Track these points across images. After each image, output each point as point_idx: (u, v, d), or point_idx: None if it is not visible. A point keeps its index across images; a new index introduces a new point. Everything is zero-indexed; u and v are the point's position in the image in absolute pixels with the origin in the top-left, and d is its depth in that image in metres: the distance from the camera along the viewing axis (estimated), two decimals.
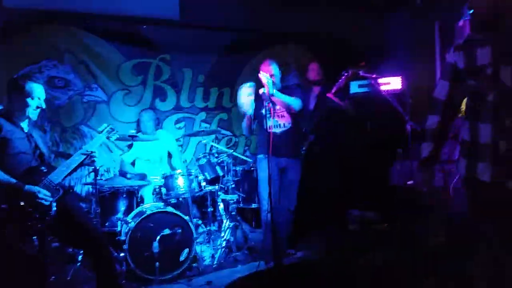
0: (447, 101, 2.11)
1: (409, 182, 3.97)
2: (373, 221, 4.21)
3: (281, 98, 3.47)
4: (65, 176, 2.71)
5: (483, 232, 2.02)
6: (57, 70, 4.21)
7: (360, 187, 4.23)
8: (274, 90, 3.40)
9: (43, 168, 2.66)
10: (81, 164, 2.84)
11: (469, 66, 2.01)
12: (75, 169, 2.81)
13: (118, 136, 3.13)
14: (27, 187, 2.51)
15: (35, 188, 2.52)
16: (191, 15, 4.65)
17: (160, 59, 4.67)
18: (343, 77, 4.05)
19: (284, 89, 3.61)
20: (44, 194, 2.54)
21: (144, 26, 4.54)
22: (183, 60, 4.77)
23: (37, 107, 2.72)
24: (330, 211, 4.11)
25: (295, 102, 3.54)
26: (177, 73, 4.77)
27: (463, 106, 4.08)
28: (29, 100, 2.67)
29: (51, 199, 2.56)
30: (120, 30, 4.48)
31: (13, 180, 2.49)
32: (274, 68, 3.63)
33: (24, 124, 2.73)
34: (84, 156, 2.79)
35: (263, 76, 3.36)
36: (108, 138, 3.06)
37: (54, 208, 2.57)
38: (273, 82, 3.42)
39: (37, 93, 2.71)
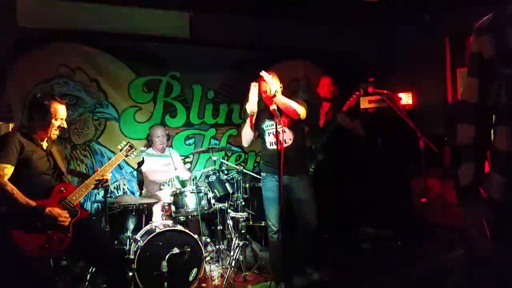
0: (479, 103, 1.61)
1: (423, 200, 3.90)
2: (387, 239, 4.12)
3: (284, 100, 3.20)
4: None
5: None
6: (68, 88, 4.25)
7: (373, 204, 4.15)
8: (277, 91, 3.14)
9: (62, 188, 2.66)
10: (95, 187, 2.87)
11: (501, 51, 1.53)
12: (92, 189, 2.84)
13: (136, 154, 3.13)
14: (47, 210, 2.51)
15: (55, 211, 2.53)
16: (201, 33, 4.71)
17: (170, 76, 4.70)
18: (354, 95, 4.00)
19: None
20: (64, 216, 2.55)
21: (155, 44, 4.58)
22: (193, 76, 4.80)
23: (59, 127, 2.73)
24: (342, 229, 4.02)
25: (299, 107, 3.25)
26: (187, 90, 4.79)
27: None
28: (52, 120, 2.68)
29: (69, 220, 2.57)
30: (131, 47, 4.53)
31: (33, 204, 2.50)
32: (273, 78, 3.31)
33: (44, 144, 2.74)
34: (100, 180, 2.83)
35: (265, 75, 3.11)
36: (126, 156, 3.06)
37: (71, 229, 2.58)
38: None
39: (60, 113, 2.72)
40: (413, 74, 5.07)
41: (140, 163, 3.74)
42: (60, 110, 2.72)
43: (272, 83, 3.13)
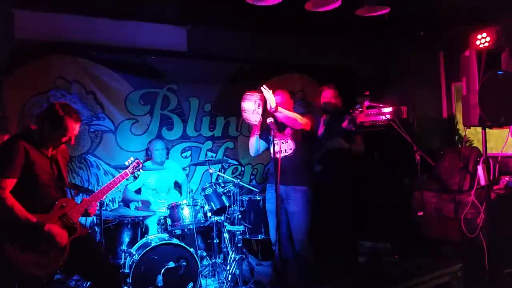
0: None
1: (419, 213, 3.90)
2: (385, 253, 4.10)
3: (285, 112, 3.27)
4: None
5: None
6: (64, 100, 4.23)
7: (369, 217, 4.14)
8: (276, 104, 3.20)
9: (64, 204, 2.59)
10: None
11: None
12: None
13: (142, 171, 3.03)
14: (46, 227, 2.45)
15: (54, 230, 2.46)
16: (198, 46, 4.74)
17: (167, 89, 4.71)
18: (356, 111, 3.95)
19: None
20: (63, 235, 2.49)
21: (152, 57, 4.60)
22: (189, 89, 4.81)
23: (65, 141, 2.63)
24: (339, 243, 4.00)
25: (300, 119, 3.32)
26: (183, 103, 4.80)
27: (466, 132, 4.02)
28: (62, 136, 2.58)
29: (67, 239, 2.52)
30: (128, 60, 4.53)
31: (33, 220, 2.43)
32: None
33: (49, 151, 2.64)
34: (104, 197, 2.80)
35: (265, 90, 3.16)
36: (133, 173, 2.97)
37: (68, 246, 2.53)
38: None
39: (74, 131, 2.62)
40: (408, 88, 5.12)
41: (136, 177, 3.71)
42: (75, 128, 2.61)
43: (272, 98, 3.18)
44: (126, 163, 2.99)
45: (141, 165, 3.00)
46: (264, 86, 3.21)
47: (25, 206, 2.43)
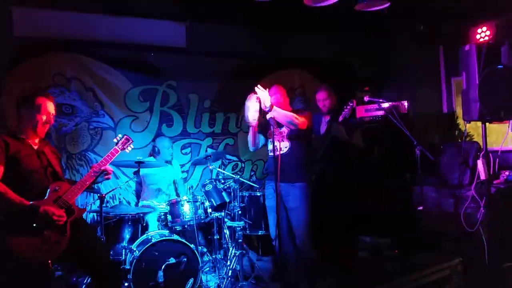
0: None
1: (419, 208, 3.90)
2: (385, 247, 4.11)
3: (280, 112, 3.30)
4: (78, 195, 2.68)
5: None
6: (64, 97, 4.24)
7: (369, 212, 4.14)
8: (271, 104, 3.25)
9: (57, 188, 2.61)
10: (95, 182, 2.82)
11: None
12: (89, 187, 2.79)
13: (133, 147, 3.05)
14: (42, 208, 2.47)
15: (50, 210, 2.48)
16: (197, 42, 4.72)
17: (166, 85, 4.70)
18: (349, 107, 3.99)
19: None
20: (60, 214, 2.50)
21: (151, 53, 4.59)
22: (189, 86, 4.80)
23: (46, 123, 2.69)
24: (340, 239, 4.00)
25: (295, 118, 3.35)
26: (183, 99, 4.79)
27: (466, 126, 4.03)
28: (37, 115, 2.65)
29: (65, 219, 2.53)
30: (127, 57, 4.53)
31: (27, 203, 2.46)
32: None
33: (34, 143, 2.69)
34: (98, 173, 2.77)
35: (259, 90, 3.23)
36: (123, 149, 2.97)
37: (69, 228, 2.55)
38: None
39: (47, 108, 2.69)
40: (408, 83, 5.11)
41: (136, 172, 3.72)
42: (47, 105, 2.69)
43: (266, 97, 3.22)
44: (115, 140, 2.99)
45: (130, 141, 3.01)
46: (259, 85, 3.25)
47: (18, 193, 2.47)
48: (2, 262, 2.43)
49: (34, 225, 2.45)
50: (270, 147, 3.50)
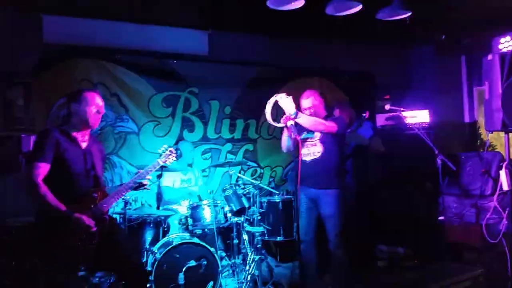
0: None
1: (440, 218, 3.87)
2: (403, 257, 4.08)
3: (306, 118, 3.27)
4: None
5: None
6: None
7: (389, 221, 4.12)
8: (295, 111, 3.16)
9: (94, 194, 2.64)
10: (137, 189, 2.86)
11: None
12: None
13: (175, 160, 3.04)
14: (74, 216, 2.48)
15: (82, 219, 2.49)
16: (219, 51, 4.82)
17: (188, 91, 4.80)
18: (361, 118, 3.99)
19: None
20: (90, 225, 2.51)
21: (175, 61, 4.70)
22: (210, 92, 4.89)
23: (97, 112, 2.71)
24: (358, 247, 3.99)
25: (323, 123, 3.32)
26: (204, 105, 4.88)
27: (489, 136, 3.99)
28: (87, 107, 2.66)
29: (96, 229, 2.55)
30: (151, 64, 4.64)
31: (62, 208, 2.46)
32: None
33: (84, 143, 2.70)
34: (136, 185, 2.81)
35: (281, 98, 3.12)
36: (165, 162, 2.98)
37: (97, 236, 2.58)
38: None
39: (96, 100, 2.71)
40: (429, 92, 5.09)
41: (160, 176, 3.79)
42: (95, 97, 2.71)
43: (290, 104, 3.15)
44: (159, 151, 2.99)
45: (173, 153, 3.00)
46: (280, 94, 3.16)
47: (57, 195, 2.48)
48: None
49: (65, 229, 2.48)
50: (303, 151, 3.44)
